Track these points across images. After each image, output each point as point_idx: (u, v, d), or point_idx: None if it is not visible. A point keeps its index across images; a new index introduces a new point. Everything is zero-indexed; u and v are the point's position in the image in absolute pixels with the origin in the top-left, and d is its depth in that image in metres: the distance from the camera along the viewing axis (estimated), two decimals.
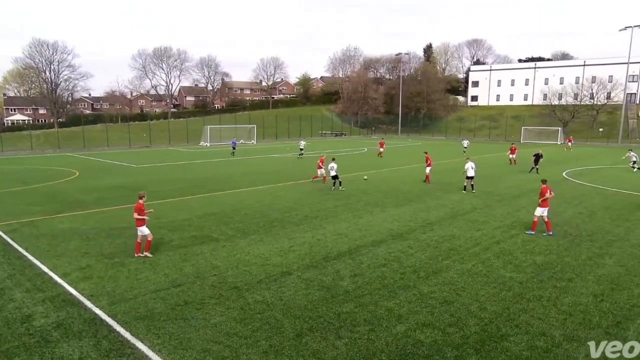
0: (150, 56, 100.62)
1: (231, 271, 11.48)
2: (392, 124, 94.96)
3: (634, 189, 23.90)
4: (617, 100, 76.18)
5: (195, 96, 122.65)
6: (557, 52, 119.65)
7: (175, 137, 64.73)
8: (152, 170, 33.57)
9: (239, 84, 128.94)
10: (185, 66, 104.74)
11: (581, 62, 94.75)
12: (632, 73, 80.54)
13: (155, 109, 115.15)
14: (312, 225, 16.27)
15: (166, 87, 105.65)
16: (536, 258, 12.55)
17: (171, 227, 15.85)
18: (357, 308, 9.32)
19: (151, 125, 68.96)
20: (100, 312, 9.11)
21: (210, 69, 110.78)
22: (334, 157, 25.58)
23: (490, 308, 9.32)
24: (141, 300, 9.68)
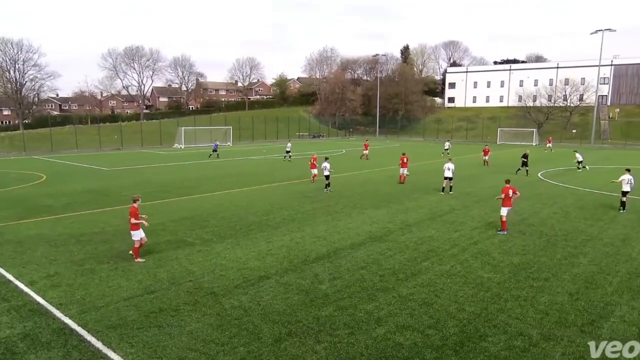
0: (121, 55, 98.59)
1: (207, 276, 11.34)
2: (370, 125, 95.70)
3: (606, 190, 24.67)
4: (589, 102, 78.73)
5: (168, 97, 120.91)
6: (532, 54, 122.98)
7: (148, 139, 63.69)
8: (124, 173, 32.94)
9: (214, 84, 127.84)
10: (158, 66, 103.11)
11: (554, 65, 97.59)
12: (603, 75, 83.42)
13: (126, 110, 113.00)
14: (290, 228, 16.23)
15: (138, 88, 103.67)
16: (513, 258, 12.82)
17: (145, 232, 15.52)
18: (337, 312, 9.33)
19: (123, 126, 67.72)
20: (69, 321, 8.86)
21: (185, 69, 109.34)
22: (327, 156, 25.63)
23: (469, 309, 9.47)
24: (113, 308, 9.47)
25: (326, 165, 24.01)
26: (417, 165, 36.72)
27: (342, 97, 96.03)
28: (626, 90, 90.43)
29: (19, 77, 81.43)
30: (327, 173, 23.90)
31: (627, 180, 19.21)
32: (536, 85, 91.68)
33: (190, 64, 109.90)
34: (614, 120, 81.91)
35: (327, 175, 23.93)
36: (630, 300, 9.92)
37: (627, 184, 19.20)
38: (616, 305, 9.69)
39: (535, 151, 54.00)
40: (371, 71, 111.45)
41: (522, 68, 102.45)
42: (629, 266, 12.21)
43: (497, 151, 55.13)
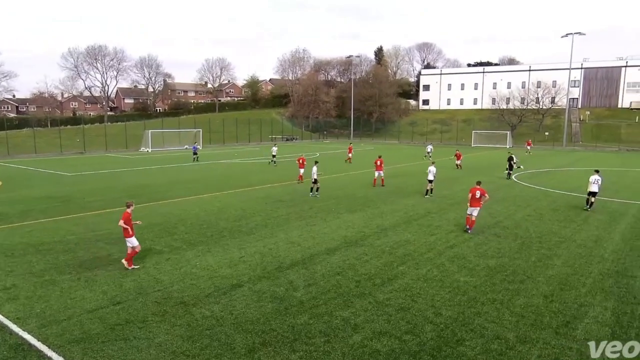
0: (83, 55, 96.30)
1: (177, 285, 11.14)
2: (344, 127, 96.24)
3: (580, 191, 25.49)
4: (560, 104, 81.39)
5: (134, 98, 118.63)
6: (504, 57, 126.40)
7: (112, 142, 62.28)
8: (87, 178, 32.08)
9: (182, 85, 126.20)
10: (122, 66, 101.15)
11: (527, 67, 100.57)
12: (573, 78, 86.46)
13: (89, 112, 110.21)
14: (264, 234, 16.13)
15: (102, 89, 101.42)
16: (489, 261, 13.09)
17: (109, 240, 15.18)
18: (312, 319, 9.31)
19: (85, 129, 65.95)
20: (28, 336, 8.54)
21: (151, 69, 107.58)
22: (316, 160, 25.59)
23: (446, 313, 9.61)
24: (76, 321, 9.18)
25: (314, 169, 24.12)
26: (392, 169, 37.09)
27: (316, 99, 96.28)
28: (596, 93, 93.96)
29: None
30: (315, 177, 23.94)
31: (594, 181, 20.22)
32: (509, 88, 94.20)
33: (157, 64, 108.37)
34: (585, 122, 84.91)
35: (315, 180, 23.98)
36: (602, 301, 10.26)
37: (594, 183, 20.21)
38: (590, 306, 10.00)
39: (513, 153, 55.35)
40: (345, 73, 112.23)
41: (495, 70, 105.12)
42: (601, 267, 12.64)
43: (472, 154, 56.29)
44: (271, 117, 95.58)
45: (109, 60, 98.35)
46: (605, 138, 73.33)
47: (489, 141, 72.64)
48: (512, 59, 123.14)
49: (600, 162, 43.68)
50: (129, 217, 12.21)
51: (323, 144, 78.47)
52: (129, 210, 12.37)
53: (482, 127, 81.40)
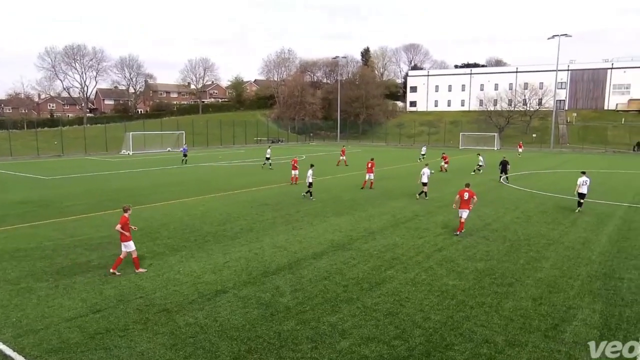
0: (61, 54, 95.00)
1: (159, 292, 11.02)
2: (330, 130, 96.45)
3: (567, 193, 25.89)
4: (548, 106, 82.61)
5: (115, 99, 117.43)
6: (491, 58, 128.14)
7: (92, 145, 61.48)
8: (66, 182, 31.60)
9: (164, 86, 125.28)
10: (102, 66, 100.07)
11: (514, 69, 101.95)
12: (560, 80, 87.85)
13: (68, 114, 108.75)
14: (249, 238, 16.06)
15: (81, 89, 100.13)
16: (477, 264, 13.20)
17: (89, 246, 14.97)
18: (299, 325, 9.28)
19: (63, 131, 65.06)
20: (4, 346, 8.36)
21: (132, 69, 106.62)
22: (312, 163, 25.53)
23: (435, 317, 9.66)
24: (54, 330, 9.01)
25: (309, 172, 24.17)
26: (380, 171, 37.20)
27: (302, 100, 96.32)
28: (582, 95, 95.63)
29: None
30: (311, 180, 23.99)
31: (583, 182, 20.65)
32: (496, 90, 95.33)
33: (138, 64, 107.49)
34: (572, 124, 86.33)
35: (310, 183, 24.02)
36: (591, 303, 10.42)
37: (583, 185, 20.62)
38: (578, 308, 10.14)
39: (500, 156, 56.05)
40: (331, 74, 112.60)
41: (482, 72, 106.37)
42: (589, 269, 12.84)
43: (460, 156, 56.86)
44: (256, 118, 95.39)
45: (88, 60, 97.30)
46: (592, 140, 74.65)
47: (477, 143, 73.38)
48: (499, 61, 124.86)
49: (587, 164, 44.44)
50: (126, 222, 12.22)
51: (309, 146, 78.50)
52: (126, 215, 12.35)
53: (470, 129, 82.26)
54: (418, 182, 24.97)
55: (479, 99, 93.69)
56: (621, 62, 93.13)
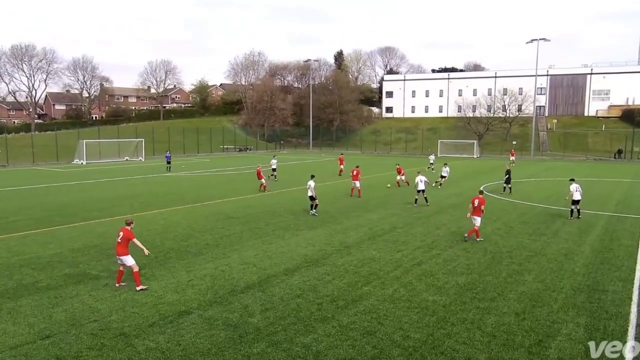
0: (7, 55, 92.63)
1: (116, 314, 10.73)
2: (302, 136, 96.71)
3: (549, 202, 26.62)
4: (527, 112, 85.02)
5: (67, 104, 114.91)
6: (470, 62, 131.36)
7: (41, 153, 59.87)
8: (11, 195, 30.60)
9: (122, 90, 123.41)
10: (53, 68, 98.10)
11: (493, 74, 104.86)
12: (539, 85, 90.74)
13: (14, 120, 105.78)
14: (215, 254, 15.86)
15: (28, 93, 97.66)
16: (458, 279, 13.38)
17: (37, 265, 14.49)
18: (270, 347, 9.19)
19: (9, 139, 63.16)
20: None
21: (86, 72, 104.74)
22: (313, 174, 24.52)
23: (414, 336, 9.71)
24: None
25: (310, 184, 23.19)
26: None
27: (271, 105, 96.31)
28: (562, 101, 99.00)
29: None
30: (311, 194, 23.03)
31: (576, 189, 21.45)
32: (475, 95, 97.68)
33: (93, 67, 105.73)
34: (552, 131, 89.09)
35: (311, 196, 23.07)
36: (575, 317, 10.68)
37: (576, 191, 21.42)
38: (562, 323, 10.37)
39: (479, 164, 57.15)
40: (303, 78, 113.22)
41: (460, 77, 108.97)
42: (573, 281, 13.18)
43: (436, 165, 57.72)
44: (222, 125, 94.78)
45: (37, 62, 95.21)
46: (573, 147, 77.18)
47: (456, 151, 74.81)
48: (478, 65, 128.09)
49: (569, 171, 45.75)
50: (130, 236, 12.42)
51: (280, 154, 78.40)
52: (129, 228, 12.51)
53: (449, 136, 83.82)
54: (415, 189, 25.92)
55: (458, 104, 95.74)
56: (600, 67, 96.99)
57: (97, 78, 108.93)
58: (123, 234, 12.36)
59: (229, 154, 79.63)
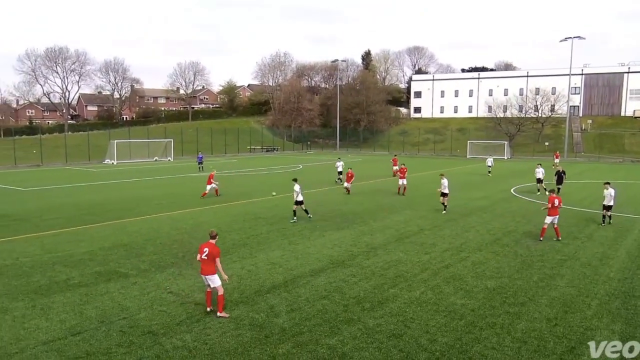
0: (42, 58, 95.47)
1: (144, 312, 10.94)
2: (329, 137, 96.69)
3: (583, 205, 25.94)
4: (561, 112, 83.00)
5: (98, 105, 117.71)
6: (501, 62, 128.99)
7: (73, 154, 61.52)
8: (44, 194, 31.55)
9: (152, 91, 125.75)
10: (85, 70, 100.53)
11: (524, 73, 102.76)
12: (573, 85, 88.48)
13: (48, 121, 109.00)
14: (242, 254, 16.00)
15: (62, 95, 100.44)
16: (487, 282, 13.16)
17: (69, 263, 14.89)
18: (295, 348, 9.21)
19: (43, 140, 65.09)
20: None
21: (117, 73, 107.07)
22: (295, 177, 23.23)
23: (442, 340, 9.59)
24: (30, 354, 8.93)
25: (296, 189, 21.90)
26: (382, 182, 37.31)
27: (298, 106, 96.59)
28: (597, 100, 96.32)
29: None
30: (301, 199, 21.90)
31: (609, 194, 20.48)
32: (506, 95, 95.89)
33: (124, 68, 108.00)
34: (587, 132, 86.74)
35: (299, 202, 21.89)
36: (610, 324, 10.37)
37: (609, 196, 20.47)
38: (596, 329, 10.08)
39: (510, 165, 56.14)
40: (330, 78, 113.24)
41: (491, 76, 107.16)
42: (608, 287, 12.80)
43: (467, 166, 57.01)
44: (249, 126, 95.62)
45: (70, 64, 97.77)
46: (609, 148, 74.98)
47: (486, 152, 73.53)
48: (509, 64, 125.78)
49: (604, 174, 44.55)
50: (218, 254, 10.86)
51: (306, 155, 78.64)
52: (214, 242, 10.99)
53: (478, 136, 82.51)
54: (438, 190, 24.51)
55: (488, 104, 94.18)
56: (638, 65, 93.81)
57: (127, 79, 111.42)
58: (209, 250, 10.84)
59: (256, 154, 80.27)
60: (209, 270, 10.77)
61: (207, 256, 10.80)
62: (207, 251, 10.82)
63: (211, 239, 11.09)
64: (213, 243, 10.98)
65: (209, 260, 10.78)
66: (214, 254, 10.80)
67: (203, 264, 10.86)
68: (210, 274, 10.76)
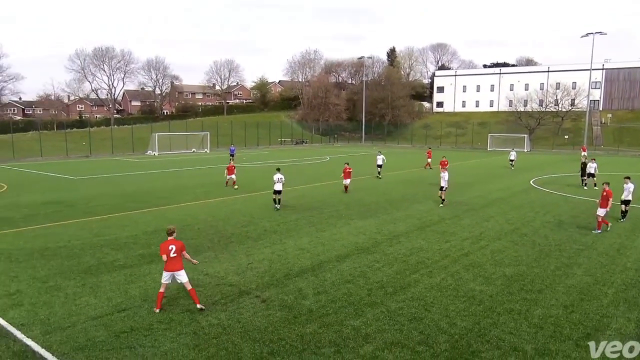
0: (90, 57, 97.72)
1: (182, 292, 11.17)
2: (355, 131, 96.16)
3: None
4: (581, 106, 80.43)
5: (141, 101, 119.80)
6: (522, 57, 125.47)
7: (119, 145, 62.93)
8: (93, 182, 32.42)
9: (190, 87, 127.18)
10: (130, 68, 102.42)
11: (545, 68, 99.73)
12: (594, 80, 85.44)
13: (96, 115, 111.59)
14: (272, 240, 16.15)
15: (108, 91, 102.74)
16: (505, 270, 12.96)
17: (115, 245, 15.31)
18: (322, 328, 9.28)
19: (91, 132, 66.76)
20: (32, 343, 8.63)
21: (158, 71, 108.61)
22: (278, 167, 23.28)
23: (461, 323, 9.52)
24: (80, 328, 9.26)
25: (281, 177, 21.51)
26: (407, 173, 37.03)
27: (326, 101, 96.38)
28: (618, 95, 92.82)
29: None
30: (280, 188, 21.46)
31: (628, 188, 19.55)
32: (527, 90, 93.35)
33: (164, 66, 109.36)
34: (606, 126, 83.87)
35: (277, 191, 21.46)
36: (626, 312, 10.10)
37: (626, 191, 19.55)
38: (612, 317, 9.84)
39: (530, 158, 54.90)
40: (356, 74, 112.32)
41: (512, 72, 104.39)
42: (624, 276, 12.44)
43: (487, 159, 56.01)
44: (280, 120, 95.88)
45: (116, 62, 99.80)
46: (629, 142, 72.37)
47: (506, 145, 71.98)
48: (530, 60, 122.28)
49: (623, 167, 43.07)
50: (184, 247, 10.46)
51: (333, 147, 78.51)
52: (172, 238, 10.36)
53: (499, 130, 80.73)
54: None
55: (509, 99, 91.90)
56: None
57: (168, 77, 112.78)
58: (175, 246, 10.17)
59: (286, 146, 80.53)
60: (177, 266, 10.16)
61: (175, 252, 10.15)
62: (174, 248, 10.16)
63: (169, 235, 10.35)
64: (174, 239, 10.35)
65: (177, 257, 10.20)
66: (180, 248, 10.26)
67: (170, 261, 10.09)
68: (179, 269, 10.18)
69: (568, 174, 36.77)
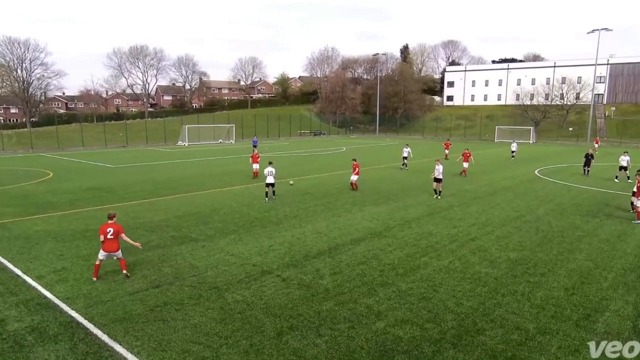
0: (126, 54, 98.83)
1: (210, 271, 11.37)
2: (369, 123, 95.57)
3: (603, 187, 24.64)
4: (585, 100, 78.46)
5: (172, 95, 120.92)
6: (529, 53, 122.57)
7: (152, 136, 63.71)
8: (129, 170, 32.96)
9: (217, 83, 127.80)
10: (162, 65, 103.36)
11: (551, 64, 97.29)
12: (599, 74, 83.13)
13: (131, 109, 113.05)
14: (292, 224, 16.25)
15: (143, 86, 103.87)
16: (510, 254, 12.82)
17: (149, 228, 15.59)
18: (337, 306, 9.35)
19: (127, 124, 67.67)
20: (76, 315, 8.90)
21: (188, 68, 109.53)
22: (270, 160, 21.82)
23: (467, 303, 9.48)
24: (119, 302, 9.50)
25: (271, 170, 20.47)
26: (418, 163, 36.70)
27: (343, 95, 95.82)
28: (622, 89, 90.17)
29: (26, 76, 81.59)
30: (272, 181, 20.42)
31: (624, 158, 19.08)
32: (534, 84, 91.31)
33: (193, 63, 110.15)
34: (610, 118, 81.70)
35: (270, 183, 20.41)
36: (624, 295, 9.93)
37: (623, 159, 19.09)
38: (611, 299, 9.69)
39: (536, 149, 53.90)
40: (371, 70, 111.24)
41: (519, 67, 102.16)
42: (624, 262, 12.21)
43: (494, 149, 55.17)
44: (300, 113, 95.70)
45: (149, 60, 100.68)
46: (631, 134, 70.42)
47: (513, 137, 70.67)
48: (537, 56, 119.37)
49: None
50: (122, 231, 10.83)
51: (349, 139, 78.22)
52: (114, 221, 10.84)
53: (506, 122, 79.33)
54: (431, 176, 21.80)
55: (516, 93, 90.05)
56: None
57: (197, 73, 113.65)
58: (113, 229, 10.59)
59: (305, 138, 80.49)
60: (114, 247, 10.61)
61: (112, 235, 10.54)
62: (112, 230, 10.57)
63: (109, 219, 10.76)
64: (114, 222, 10.74)
65: (114, 239, 10.59)
66: (118, 231, 10.65)
67: (107, 243, 10.51)
68: (116, 250, 10.65)
69: (571, 164, 36.01)
